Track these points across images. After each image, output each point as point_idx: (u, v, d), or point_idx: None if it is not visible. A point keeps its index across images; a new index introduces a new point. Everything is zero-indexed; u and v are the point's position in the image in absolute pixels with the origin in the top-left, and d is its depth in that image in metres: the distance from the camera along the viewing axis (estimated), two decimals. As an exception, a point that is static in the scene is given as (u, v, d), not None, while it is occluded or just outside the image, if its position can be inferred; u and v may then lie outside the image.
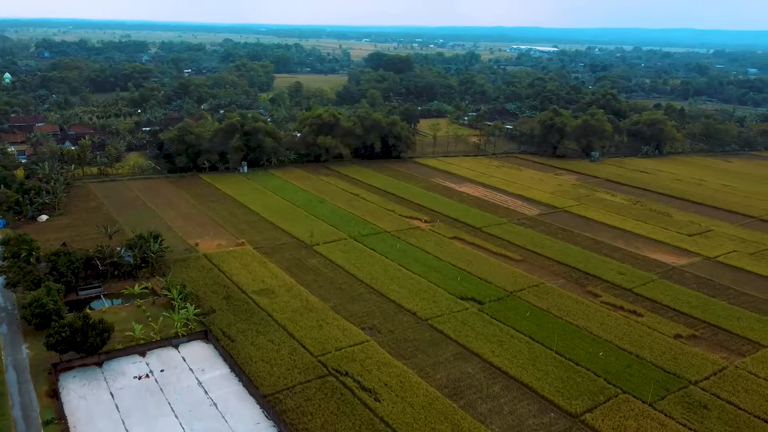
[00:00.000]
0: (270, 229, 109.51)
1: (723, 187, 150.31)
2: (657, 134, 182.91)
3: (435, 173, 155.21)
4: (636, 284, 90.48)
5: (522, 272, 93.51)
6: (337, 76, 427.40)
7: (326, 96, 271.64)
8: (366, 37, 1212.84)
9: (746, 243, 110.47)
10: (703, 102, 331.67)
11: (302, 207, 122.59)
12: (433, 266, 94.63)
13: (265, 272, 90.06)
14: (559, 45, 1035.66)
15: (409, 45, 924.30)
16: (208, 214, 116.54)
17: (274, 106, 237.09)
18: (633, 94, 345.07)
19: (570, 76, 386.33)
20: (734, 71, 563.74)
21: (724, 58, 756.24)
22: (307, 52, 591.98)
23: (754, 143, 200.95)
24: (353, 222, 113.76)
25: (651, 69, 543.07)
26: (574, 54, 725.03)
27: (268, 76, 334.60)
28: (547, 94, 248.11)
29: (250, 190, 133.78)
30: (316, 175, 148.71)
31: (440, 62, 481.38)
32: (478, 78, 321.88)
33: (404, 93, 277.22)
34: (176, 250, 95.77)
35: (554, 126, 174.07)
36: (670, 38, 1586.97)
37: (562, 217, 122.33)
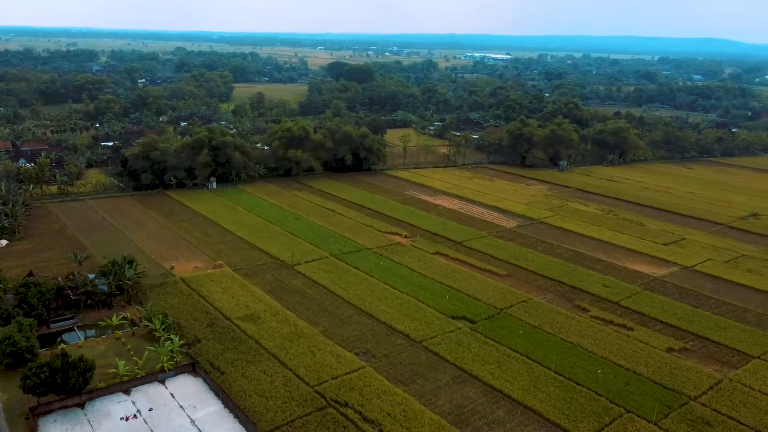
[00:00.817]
0: (247, 249, 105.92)
1: (688, 195, 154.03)
2: (621, 143, 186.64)
3: (408, 186, 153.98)
4: (622, 297, 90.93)
5: (509, 288, 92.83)
6: (296, 85, 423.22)
7: (289, 107, 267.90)
8: (320, 45, 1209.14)
9: (719, 251, 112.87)
10: (656, 108, 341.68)
11: (278, 224, 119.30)
12: (419, 284, 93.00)
13: (248, 296, 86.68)
14: (511, 52, 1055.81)
15: (365, 53, 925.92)
16: (181, 235, 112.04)
17: (237, 118, 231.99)
18: (589, 102, 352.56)
19: (527, 84, 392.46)
20: (680, 78, 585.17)
21: (669, 65, 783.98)
22: (264, 60, 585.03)
23: (711, 150, 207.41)
24: (333, 239, 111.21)
25: (603, 76, 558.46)
26: (527, 61, 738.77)
27: (226, 86, 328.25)
28: (510, 104, 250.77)
29: (222, 207, 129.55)
30: (288, 189, 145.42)
31: (399, 71, 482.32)
32: (439, 87, 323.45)
33: (368, 103, 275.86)
34: (151, 275, 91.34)
35: (522, 136, 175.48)
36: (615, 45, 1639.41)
37: (539, 229, 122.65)
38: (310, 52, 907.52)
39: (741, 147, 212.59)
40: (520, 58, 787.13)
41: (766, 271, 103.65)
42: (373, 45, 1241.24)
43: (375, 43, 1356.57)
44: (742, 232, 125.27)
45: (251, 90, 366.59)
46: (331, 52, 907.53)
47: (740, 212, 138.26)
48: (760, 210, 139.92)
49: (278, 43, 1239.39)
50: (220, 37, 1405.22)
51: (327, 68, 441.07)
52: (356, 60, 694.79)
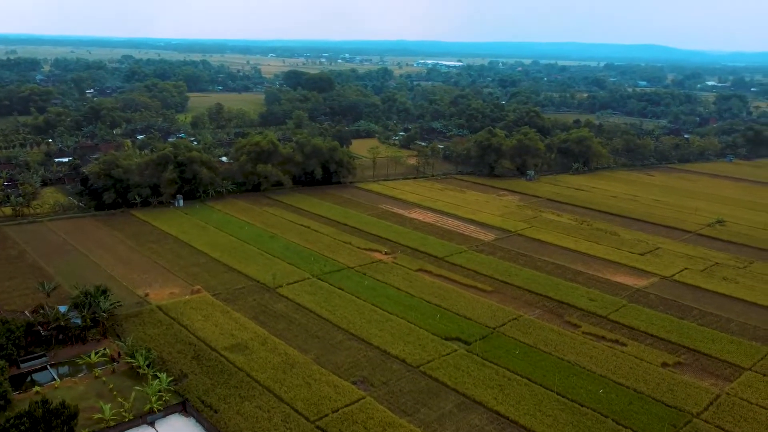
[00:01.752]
0: (224, 272, 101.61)
1: (655, 203, 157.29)
2: (585, 151, 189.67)
3: (381, 199, 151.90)
4: (609, 310, 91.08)
5: (497, 305, 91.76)
6: (251, 94, 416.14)
7: (249, 117, 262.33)
8: (272, 52, 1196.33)
9: (693, 260, 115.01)
10: (609, 115, 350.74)
11: (253, 243, 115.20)
12: (407, 304, 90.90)
13: (232, 323, 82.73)
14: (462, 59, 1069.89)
15: (318, 60, 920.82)
16: (151, 258, 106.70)
17: (197, 130, 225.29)
18: (545, 109, 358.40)
19: (484, 92, 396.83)
20: (626, 84, 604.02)
21: (614, 71, 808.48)
22: (216, 68, 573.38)
23: (669, 156, 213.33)
24: (312, 258, 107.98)
25: (554, 83, 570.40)
26: (480, 68, 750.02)
27: (181, 96, 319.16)
28: (473, 113, 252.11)
29: (192, 226, 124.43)
30: (259, 206, 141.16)
31: (355, 79, 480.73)
32: (399, 96, 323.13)
33: (329, 113, 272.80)
34: (125, 304, 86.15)
35: (491, 146, 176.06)
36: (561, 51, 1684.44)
37: (517, 242, 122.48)
38: (262, 60, 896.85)
39: (696, 153, 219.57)
40: (472, 65, 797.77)
41: (741, 279, 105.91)
42: (324, 52, 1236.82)
43: (326, 49, 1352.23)
44: (711, 240, 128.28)
45: (206, 100, 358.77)
46: (284, 60, 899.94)
47: (706, 219, 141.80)
48: (724, 216, 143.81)
49: (228, 50, 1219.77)
50: (167, 44, 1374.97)
51: (284, 77, 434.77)
52: (310, 68, 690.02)
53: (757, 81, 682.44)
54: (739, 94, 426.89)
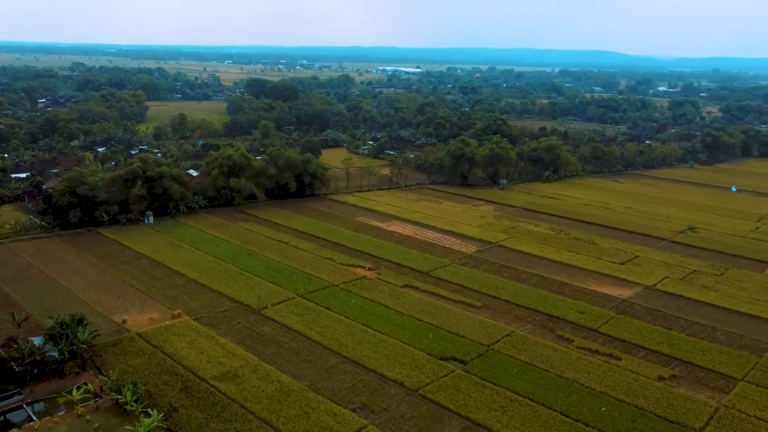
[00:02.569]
0: (204, 293, 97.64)
1: (627, 210, 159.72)
2: (554, 159, 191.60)
3: (357, 211, 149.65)
4: (599, 323, 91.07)
5: (488, 320, 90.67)
6: (212, 102, 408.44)
7: (213, 127, 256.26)
8: (228, 59, 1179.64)
9: (672, 268, 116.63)
10: (570, 121, 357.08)
11: (231, 262, 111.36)
12: (398, 323, 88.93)
13: (218, 350, 79.15)
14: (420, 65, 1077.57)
15: (276, 67, 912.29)
16: (125, 280, 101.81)
17: (160, 142, 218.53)
18: (507, 116, 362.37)
19: (447, 99, 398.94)
20: (582, 90, 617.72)
21: (569, 77, 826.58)
22: (173, 76, 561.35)
23: (634, 163, 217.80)
24: (295, 276, 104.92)
25: (513, 89, 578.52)
26: (439, 74, 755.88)
27: (140, 106, 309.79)
28: (440, 121, 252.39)
29: (165, 245, 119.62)
30: (233, 221, 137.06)
31: (317, 86, 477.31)
32: (364, 104, 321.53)
33: (295, 122, 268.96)
34: (102, 332, 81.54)
35: (463, 156, 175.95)
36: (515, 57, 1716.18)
37: (499, 253, 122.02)
38: (219, 67, 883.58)
39: (659, 159, 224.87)
40: (431, 72, 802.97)
41: (720, 286, 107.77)
42: (281, 58, 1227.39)
43: (282, 56, 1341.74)
44: (685, 247, 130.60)
45: (166, 109, 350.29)
46: (242, 67, 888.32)
47: (678, 226, 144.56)
48: (694, 223, 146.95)
49: (182, 56, 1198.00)
50: (118, 50, 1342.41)
51: (245, 85, 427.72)
52: (269, 75, 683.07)
53: (705, 86, 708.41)
54: (691, 99, 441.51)
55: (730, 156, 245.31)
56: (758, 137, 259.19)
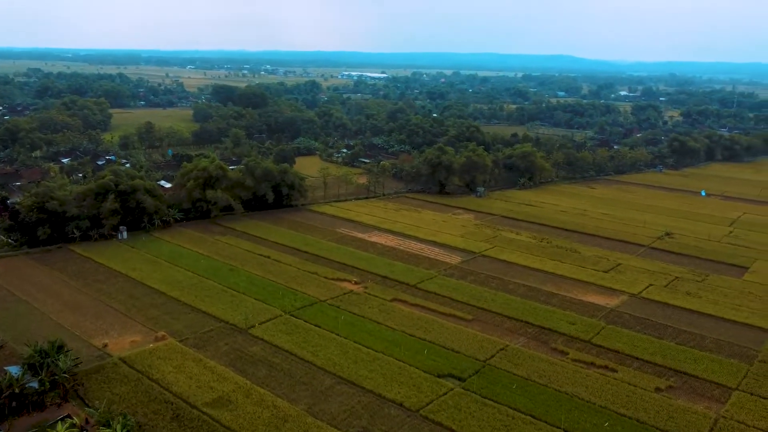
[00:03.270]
0: (187, 313, 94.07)
1: (604, 216, 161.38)
2: (529, 166, 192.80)
3: (337, 222, 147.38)
4: (590, 334, 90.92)
5: (481, 334, 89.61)
6: (177, 109, 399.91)
7: (181, 136, 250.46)
8: (190, 64, 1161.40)
9: (655, 275, 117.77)
10: (538, 126, 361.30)
11: (212, 278, 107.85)
12: (390, 339, 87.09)
13: (208, 374, 75.98)
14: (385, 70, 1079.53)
15: (240, 73, 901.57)
16: (102, 300, 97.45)
17: (128, 152, 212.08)
18: (476, 122, 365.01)
19: (417, 105, 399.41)
20: (547, 94, 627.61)
21: (533, 82, 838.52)
22: (135, 82, 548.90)
23: (605, 168, 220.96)
24: (280, 293, 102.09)
25: (479, 94, 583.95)
26: (405, 80, 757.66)
27: (103, 114, 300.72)
28: (413, 128, 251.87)
29: (141, 261, 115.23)
30: (211, 235, 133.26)
31: (284, 92, 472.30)
32: (334, 110, 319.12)
33: (266, 130, 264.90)
34: (83, 358, 77.43)
35: (441, 164, 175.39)
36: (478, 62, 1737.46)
37: (484, 264, 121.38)
38: (181, 72, 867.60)
39: (629, 164, 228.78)
40: (397, 77, 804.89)
41: (703, 293, 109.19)
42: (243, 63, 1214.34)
43: (244, 61, 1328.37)
44: (665, 253, 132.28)
45: (130, 116, 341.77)
46: (205, 72, 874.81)
47: (655, 232, 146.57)
48: (670, 228, 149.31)
49: (142, 61, 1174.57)
50: (75, 55, 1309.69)
51: (212, 92, 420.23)
52: (233, 81, 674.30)
53: (663, 91, 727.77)
54: (653, 104, 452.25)
55: (695, 160, 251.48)
56: (721, 142, 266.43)
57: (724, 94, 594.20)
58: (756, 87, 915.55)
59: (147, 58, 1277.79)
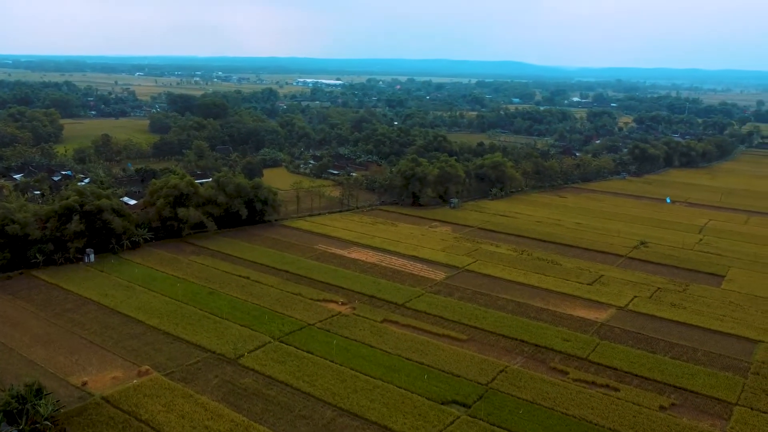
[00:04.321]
0: (169, 343, 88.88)
1: (578, 226, 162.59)
2: (500, 176, 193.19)
3: (313, 238, 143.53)
4: (587, 351, 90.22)
5: (478, 355, 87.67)
6: (130, 119, 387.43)
7: (140, 148, 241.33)
8: (138, 71, 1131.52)
9: (637, 286, 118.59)
10: (498, 134, 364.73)
11: (192, 303, 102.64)
12: (387, 364, 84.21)
13: (200, 411, 71.42)
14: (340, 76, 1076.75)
15: (192, 80, 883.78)
16: (75, 332, 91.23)
17: (85, 166, 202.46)
18: (436, 129, 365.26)
19: (377, 113, 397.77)
20: (502, 101, 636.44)
21: (487, 88, 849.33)
22: (83, 90, 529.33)
23: (572, 176, 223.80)
24: (266, 317, 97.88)
25: (437, 101, 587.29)
26: (361, 87, 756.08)
27: (54, 126, 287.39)
28: (380, 138, 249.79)
29: (113, 286, 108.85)
30: (184, 255, 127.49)
31: (241, 101, 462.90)
32: (297, 120, 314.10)
33: (228, 141, 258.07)
34: (62, 398, 71.73)
35: (415, 176, 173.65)
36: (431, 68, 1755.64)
37: (469, 279, 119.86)
38: (130, 80, 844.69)
39: (594, 172, 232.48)
40: (353, 84, 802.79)
41: (687, 304, 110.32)
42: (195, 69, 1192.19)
43: (196, 67, 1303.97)
44: (643, 263, 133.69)
45: (81, 127, 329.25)
46: (156, 79, 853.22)
47: (630, 241, 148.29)
48: (644, 237, 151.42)
49: (88, 68, 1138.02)
50: (16, 62, 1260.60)
51: (169, 101, 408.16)
52: (186, 88, 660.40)
53: (613, 96, 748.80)
54: (607, 110, 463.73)
55: (655, 167, 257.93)
56: (678, 148, 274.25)
57: (671, 100, 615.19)
58: (697, 92, 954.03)
59: (93, 64, 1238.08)
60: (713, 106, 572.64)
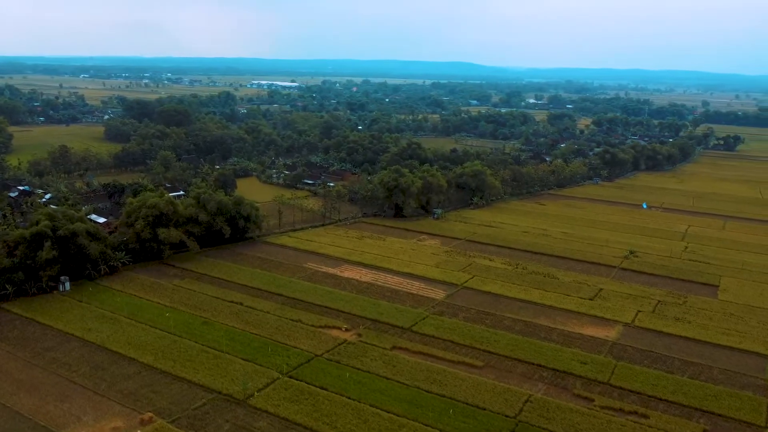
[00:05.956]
0: (168, 383, 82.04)
1: (566, 236, 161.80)
2: (480, 185, 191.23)
3: (301, 256, 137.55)
4: (606, 374, 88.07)
5: (498, 384, 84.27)
6: (82, 126, 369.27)
7: (101, 159, 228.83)
8: (83, 72, 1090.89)
9: (637, 300, 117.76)
10: (464, 138, 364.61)
11: (186, 335, 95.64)
12: (407, 399, 79.78)
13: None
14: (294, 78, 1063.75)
15: (141, 82, 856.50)
16: (62, 374, 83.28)
17: (43, 180, 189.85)
18: (402, 134, 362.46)
19: (342, 118, 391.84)
20: (460, 104, 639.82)
21: (442, 90, 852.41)
22: (27, 95, 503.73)
23: (548, 182, 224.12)
24: (269, 348, 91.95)
25: (395, 104, 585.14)
26: (319, 89, 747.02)
27: (3, 134, 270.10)
28: (352, 146, 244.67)
29: (95, 318, 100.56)
30: (167, 279, 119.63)
31: (198, 105, 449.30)
32: (262, 126, 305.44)
33: (194, 150, 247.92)
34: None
35: (398, 187, 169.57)
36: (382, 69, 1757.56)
37: (470, 297, 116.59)
38: (75, 82, 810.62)
39: (568, 177, 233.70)
40: (310, 86, 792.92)
41: (690, 317, 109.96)
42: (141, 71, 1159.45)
43: (142, 68, 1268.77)
44: (637, 274, 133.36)
45: (30, 135, 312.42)
46: (104, 82, 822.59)
47: (619, 251, 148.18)
48: (631, 246, 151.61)
49: (28, 69, 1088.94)
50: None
51: (126, 108, 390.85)
52: (135, 91, 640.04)
53: (567, 97, 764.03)
54: (567, 113, 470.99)
55: (624, 170, 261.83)
56: (645, 152, 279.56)
57: (624, 102, 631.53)
58: (643, 93, 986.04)
59: (33, 65, 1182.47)
60: (664, 107, 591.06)
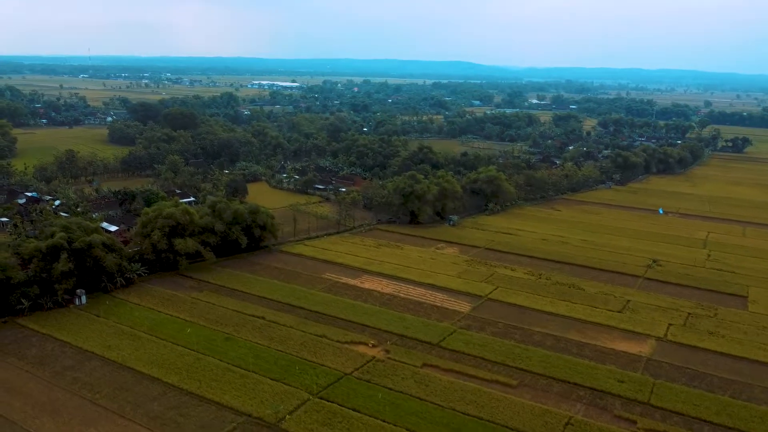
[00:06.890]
0: (195, 405, 79.12)
1: (585, 244, 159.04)
2: (495, 190, 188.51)
3: (318, 266, 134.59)
4: (645, 394, 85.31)
5: (536, 405, 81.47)
6: (85, 128, 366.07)
7: (108, 163, 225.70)
8: (82, 72, 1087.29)
9: (668, 312, 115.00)
10: (471, 140, 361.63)
11: (209, 353, 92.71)
12: (445, 422, 76.95)
13: (255, 496, 62.60)
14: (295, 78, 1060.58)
15: (141, 82, 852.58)
16: (84, 396, 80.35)
17: (51, 186, 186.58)
18: (409, 135, 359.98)
19: (347, 120, 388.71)
20: (462, 104, 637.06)
21: (444, 90, 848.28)
22: (29, 96, 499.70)
23: (561, 187, 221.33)
24: (296, 367, 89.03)
25: (398, 105, 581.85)
26: (320, 89, 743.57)
27: (7, 138, 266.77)
28: (362, 149, 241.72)
29: (114, 334, 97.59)
30: (185, 291, 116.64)
31: (201, 106, 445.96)
32: (269, 129, 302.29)
33: (201, 154, 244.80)
34: (89, 491, 61.72)
35: (414, 193, 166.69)
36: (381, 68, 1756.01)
37: (495, 309, 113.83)
38: (75, 82, 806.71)
39: (581, 182, 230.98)
40: (312, 87, 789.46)
41: (722, 331, 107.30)
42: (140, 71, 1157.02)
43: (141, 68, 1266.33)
44: (662, 284, 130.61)
45: (34, 139, 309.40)
46: (104, 83, 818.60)
47: (641, 260, 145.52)
48: (651, 254, 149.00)
49: (26, 69, 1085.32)
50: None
51: (129, 110, 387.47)
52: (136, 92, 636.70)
53: (569, 98, 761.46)
54: (573, 114, 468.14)
55: (635, 174, 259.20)
56: (656, 155, 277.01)
57: (628, 102, 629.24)
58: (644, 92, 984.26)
59: (31, 65, 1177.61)
60: (668, 108, 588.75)
